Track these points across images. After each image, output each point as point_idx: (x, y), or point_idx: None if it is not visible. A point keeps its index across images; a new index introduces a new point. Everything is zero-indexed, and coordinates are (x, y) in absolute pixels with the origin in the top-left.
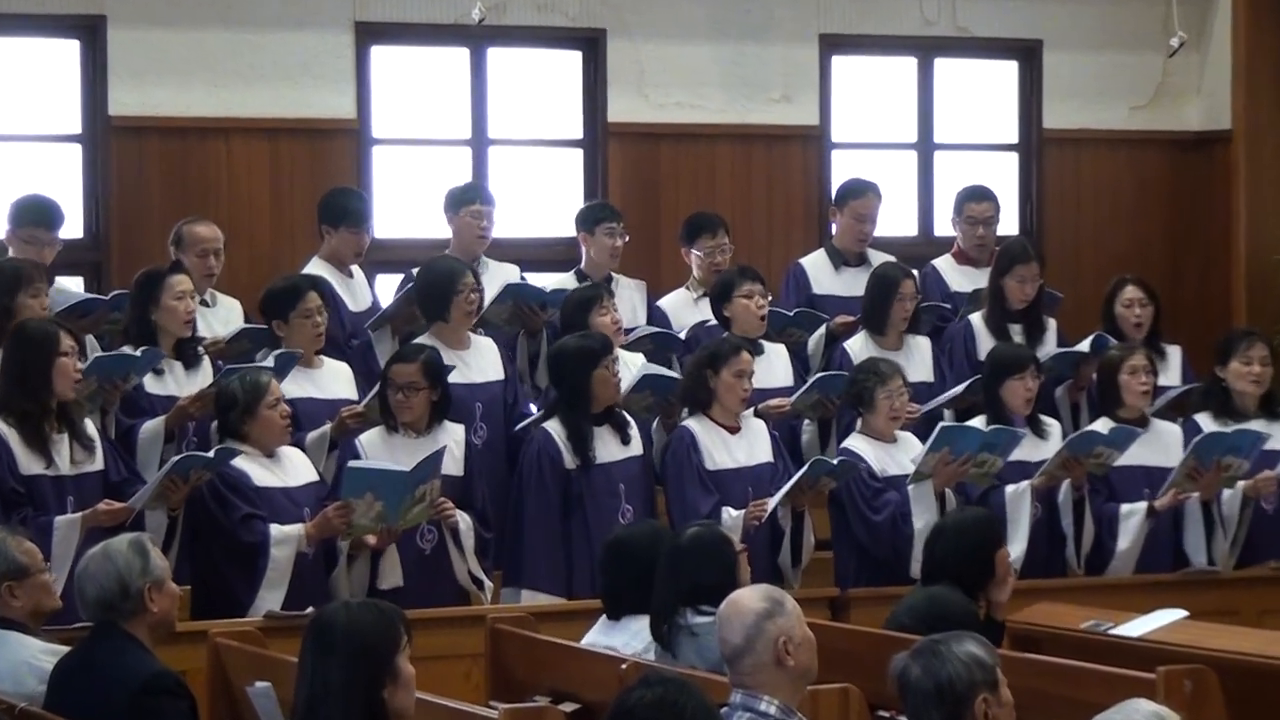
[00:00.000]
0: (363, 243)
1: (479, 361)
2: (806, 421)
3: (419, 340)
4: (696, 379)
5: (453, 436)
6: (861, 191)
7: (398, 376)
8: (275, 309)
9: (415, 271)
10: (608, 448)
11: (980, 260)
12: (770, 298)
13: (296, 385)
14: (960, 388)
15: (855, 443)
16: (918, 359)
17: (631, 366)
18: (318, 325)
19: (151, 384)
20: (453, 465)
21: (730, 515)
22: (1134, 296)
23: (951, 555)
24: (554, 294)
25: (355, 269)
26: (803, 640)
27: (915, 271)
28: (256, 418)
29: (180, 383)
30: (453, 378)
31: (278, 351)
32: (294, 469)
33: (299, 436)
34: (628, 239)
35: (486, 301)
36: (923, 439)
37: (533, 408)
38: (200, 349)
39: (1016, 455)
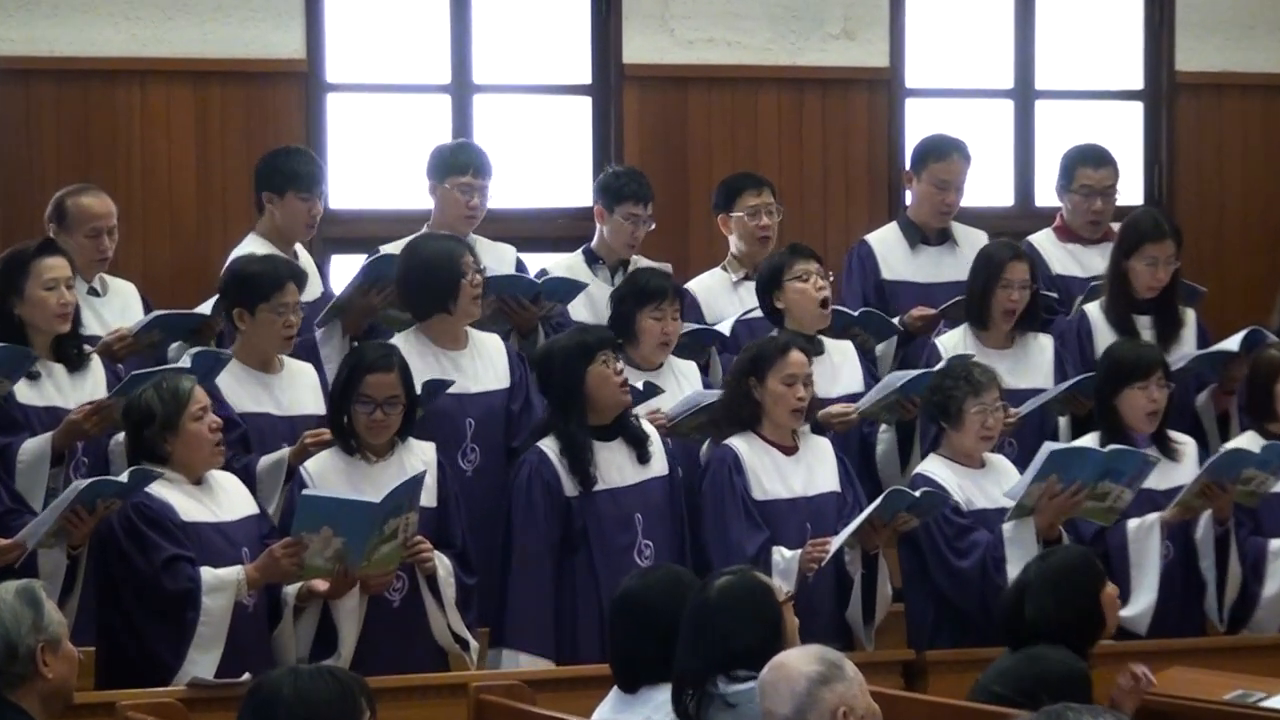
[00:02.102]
0: (314, 214)
1: (477, 365)
2: (883, 427)
3: (401, 336)
4: (738, 390)
5: (422, 457)
6: (944, 152)
7: (376, 390)
8: (243, 294)
9: (401, 255)
10: (619, 467)
11: (1090, 237)
12: (831, 277)
13: (249, 396)
14: (1062, 387)
15: (934, 467)
16: (1033, 362)
17: (681, 378)
18: (290, 326)
19: (26, 393)
20: (424, 494)
21: (783, 557)
22: None
23: (1044, 612)
24: (552, 282)
25: (301, 249)
26: (866, 712)
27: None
28: (179, 434)
29: (63, 389)
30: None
31: (196, 349)
32: (228, 499)
33: (249, 460)
34: (654, 227)
35: None
36: (1022, 464)
37: None
38: (87, 347)
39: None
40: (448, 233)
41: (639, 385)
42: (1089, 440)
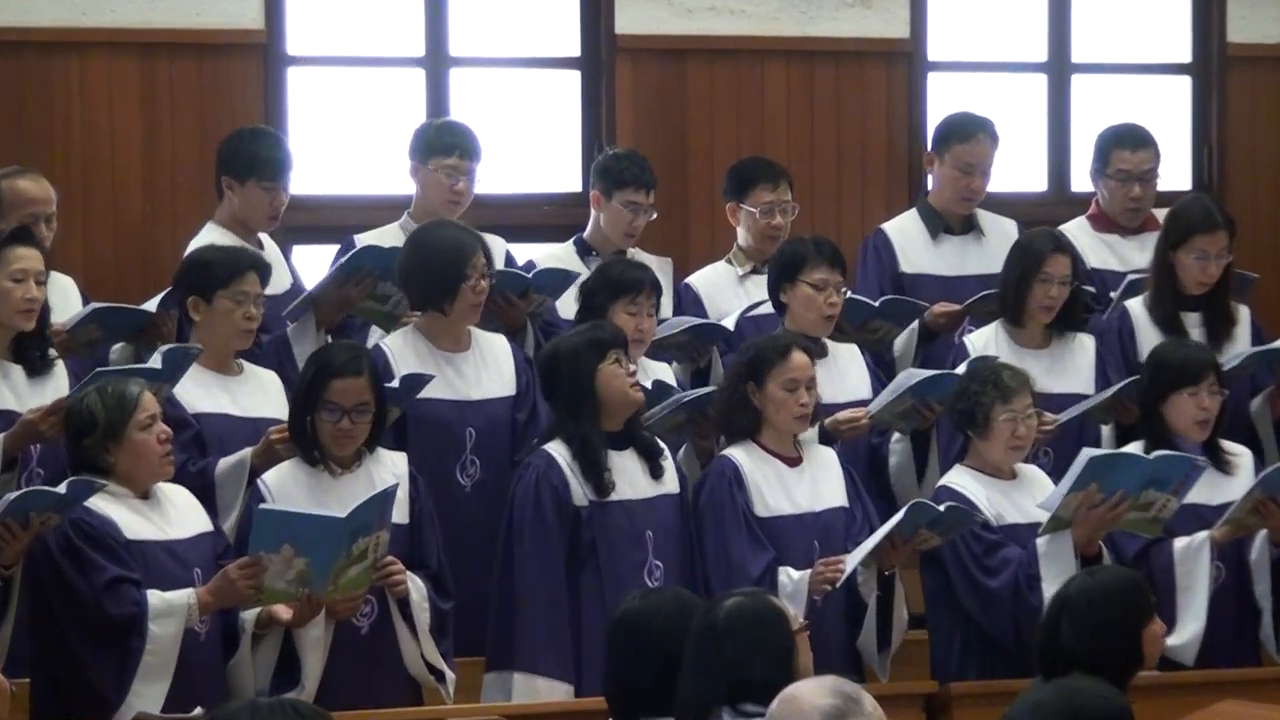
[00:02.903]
0: (277, 204)
1: (480, 369)
2: (895, 437)
3: (397, 335)
4: (734, 395)
5: (392, 469)
6: (969, 132)
7: (343, 397)
8: (199, 281)
9: (410, 237)
10: (631, 479)
11: (1129, 226)
12: (848, 292)
13: (207, 396)
14: (1108, 392)
15: (960, 478)
16: (1072, 364)
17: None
18: (250, 319)
19: None
20: (395, 509)
21: (790, 578)
22: None
23: (1082, 639)
24: (543, 274)
25: (267, 239)
26: None
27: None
28: (124, 443)
29: (20, 394)
30: (442, 392)
31: (168, 347)
32: (178, 514)
33: (206, 464)
34: (655, 217)
35: None
36: (1058, 474)
37: None
38: (53, 351)
39: (1190, 497)
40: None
41: (648, 385)
42: (1132, 450)
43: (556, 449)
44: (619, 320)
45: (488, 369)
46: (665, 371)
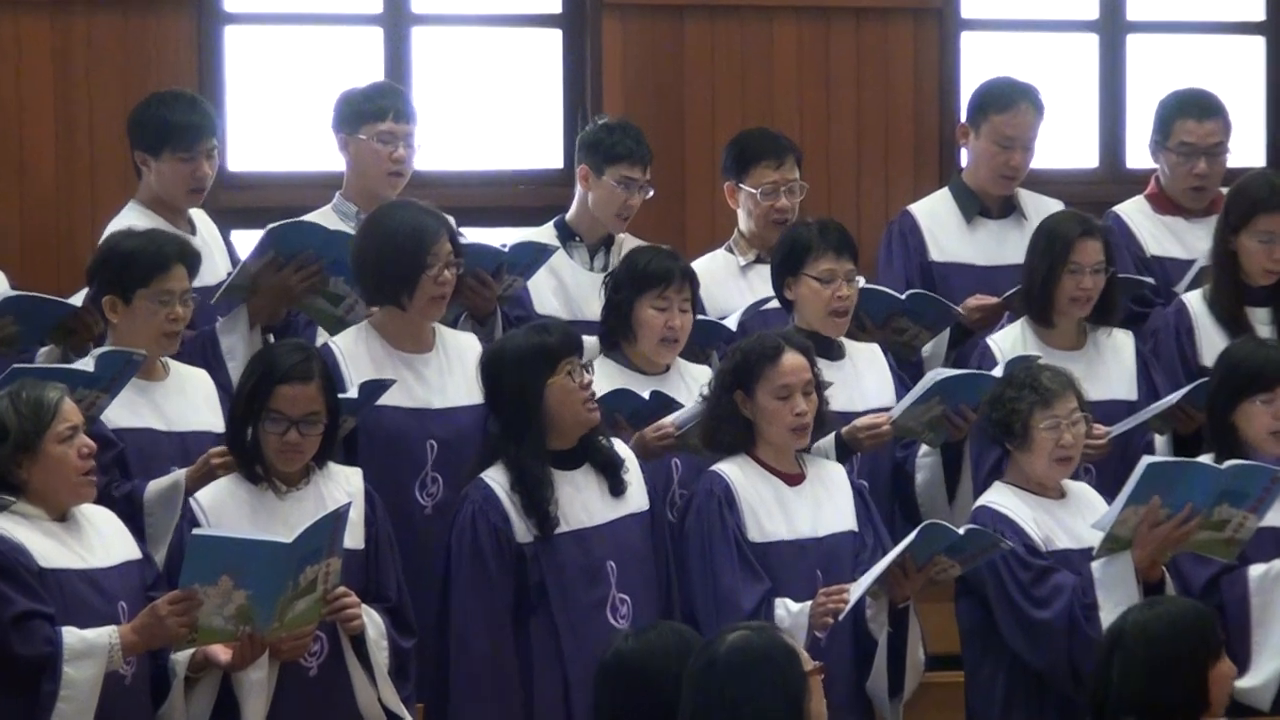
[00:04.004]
0: (200, 175)
1: (444, 374)
2: (923, 450)
3: (349, 334)
4: (721, 406)
5: (345, 487)
6: (1010, 100)
7: (290, 405)
8: (116, 277)
9: (365, 222)
10: (585, 504)
11: (1195, 208)
12: (862, 282)
13: (127, 408)
14: (1174, 396)
15: (1001, 497)
16: (1111, 366)
17: (694, 384)
18: (175, 320)
19: None
20: (349, 533)
21: (789, 611)
22: None
23: (1137, 681)
24: (518, 248)
25: (203, 219)
26: None
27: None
28: (39, 458)
29: None
30: (399, 399)
31: (104, 349)
32: (101, 540)
33: (133, 487)
34: (651, 195)
35: None
36: (1110, 492)
37: None
38: None
39: (1269, 518)
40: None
41: (644, 395)
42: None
43: (496, 477)
44: (645, 316)
45: (453, 373)
46: (706, 376)
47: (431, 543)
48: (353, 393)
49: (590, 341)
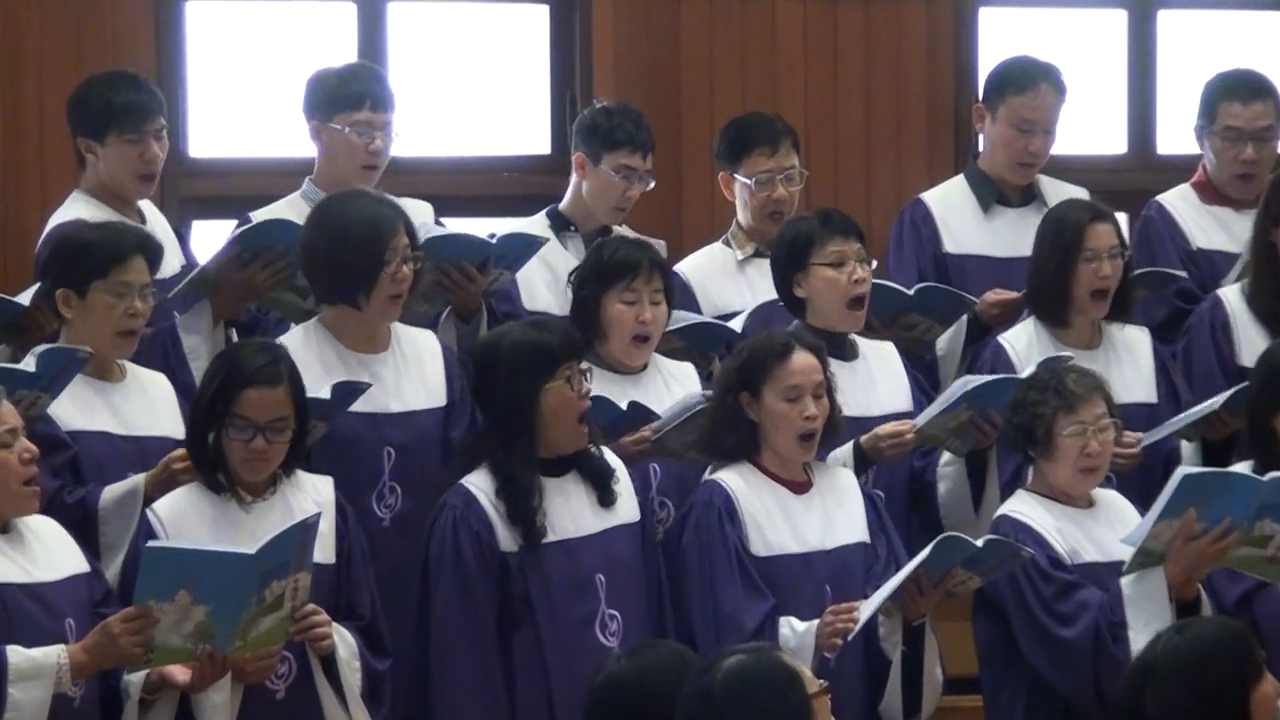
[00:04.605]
0: (150, 157)
1: (402, 376)
2: (945, 459)
3: (296, 332)
4: (725, 408)
5: (314, 497)
6: (1029, 80)
7: (256, 410)
8: (71, 270)
9: (313, 214)
10: (573, 513)
11: (1243, 197)
12: (874, 265)
13: (82, 409)
14: (1217, 401)
15: (1023, 506)
16: (1129, 367)
17: (673, 384)
18: (135, 315)
19: None
20: (318, 546)
21: (794, 631)
22: None
23: (1173, 710)
24: (507, 240)
25: (152, 210)
26: None
27: (1119, 214)
28: None
29: None
30: (355, 404)
31: (46, 347)
32: (46, 553)
33: (86, 494)
34: (652, 186)
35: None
36: (1144, 501)
37: None
38: None
39: None
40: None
41: (622, 405)
42: (1241, 469)
43: (479, 483)
44: (614, 313)
45: (410, 375)
46: (688, 373)
47: (390, 557)
48: (325, 393)
49: None
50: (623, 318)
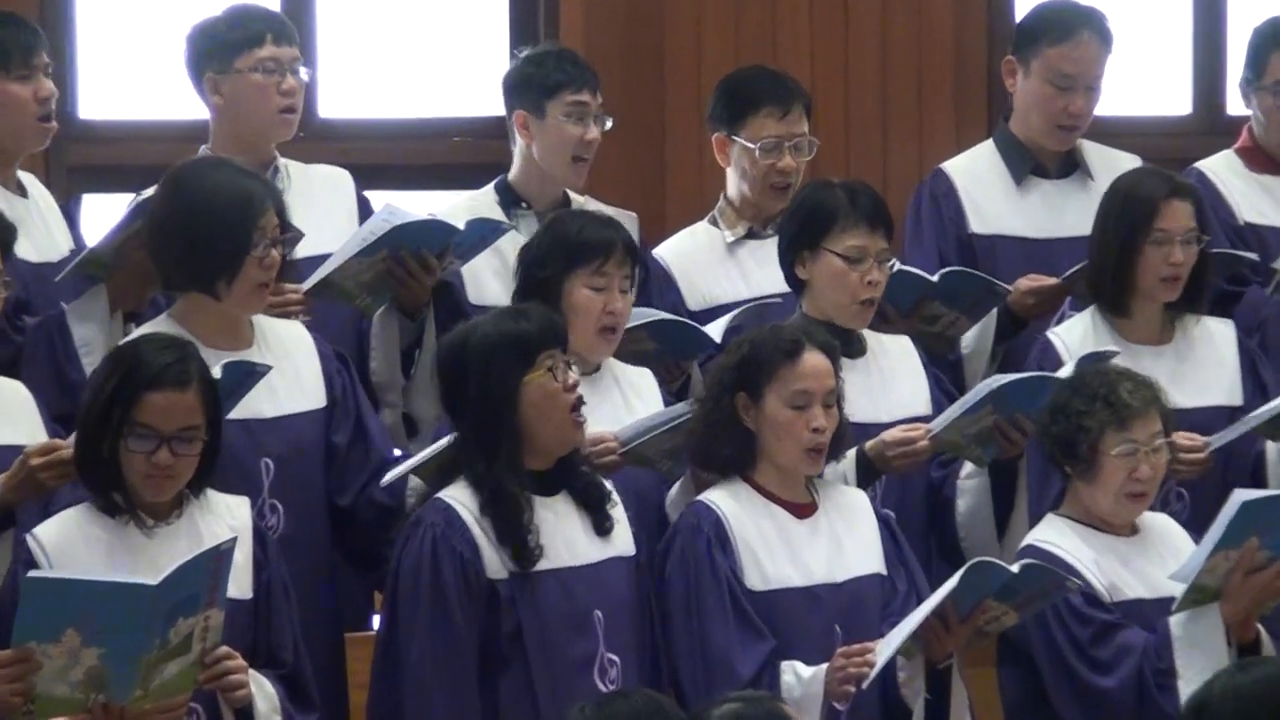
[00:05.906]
0: (44, 93)
1: (274, 375)
2: (967, 471)
3: (160, 322)
4: (719, 414)
5: (228, 520)
6: (1068, 28)
7: (162, 418)
8: None
9: (164, 184)
10: (568, 539)
11: None
12: (895, 266)
13: None
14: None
15: (1054, 533)
16: (1207, 365)
17: (629, 391)
18: None
19: None
20: (233, 579)
21: (799, 677)
22: None
23: None
24: (473, 225)
25: (31, 182)
26: None
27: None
28: None
29: None
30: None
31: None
32: None
33: None
34: (610, 125)
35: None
36: (1199, 527)
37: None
38: None
39: None
40: (247, 166)
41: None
42: None
43: (459, 497)
44: (578, 299)
45: (283, 374)
46: (646, 381)
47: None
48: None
49: None
50: (589, 305)
